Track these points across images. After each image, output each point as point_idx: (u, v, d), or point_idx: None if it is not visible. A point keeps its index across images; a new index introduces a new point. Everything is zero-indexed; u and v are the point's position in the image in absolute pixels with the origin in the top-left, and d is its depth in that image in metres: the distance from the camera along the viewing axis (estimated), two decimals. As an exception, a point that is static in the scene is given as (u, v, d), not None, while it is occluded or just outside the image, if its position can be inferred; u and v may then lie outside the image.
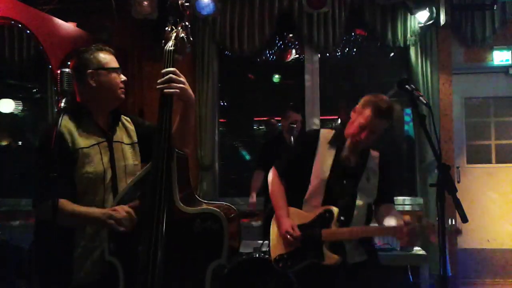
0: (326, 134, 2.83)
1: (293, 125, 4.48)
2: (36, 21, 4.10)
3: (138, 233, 2.01)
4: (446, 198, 2.13)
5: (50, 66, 4.22)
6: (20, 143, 6.42)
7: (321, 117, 5.47)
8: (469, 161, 5.35)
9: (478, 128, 5.42)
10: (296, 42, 5.66)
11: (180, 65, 2.28)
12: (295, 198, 2.79)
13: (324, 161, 2.73)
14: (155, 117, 2.12)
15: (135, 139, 2.32)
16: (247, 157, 5.97)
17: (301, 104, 5.36)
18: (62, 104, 1.96)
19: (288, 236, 2.63)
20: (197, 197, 2.19)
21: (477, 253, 5.28)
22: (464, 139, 5.37)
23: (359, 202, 2.68)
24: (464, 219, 2.15)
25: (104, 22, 5.21)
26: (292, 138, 4.49)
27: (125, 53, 5.41)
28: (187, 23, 2.16)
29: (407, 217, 2.60)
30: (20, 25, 3.95)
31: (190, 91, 2.15)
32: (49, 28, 4.26)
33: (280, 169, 2.89)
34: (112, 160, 2.19)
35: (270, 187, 2.89)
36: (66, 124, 2.12)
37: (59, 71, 2.01)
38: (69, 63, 2.24)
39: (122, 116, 2.33)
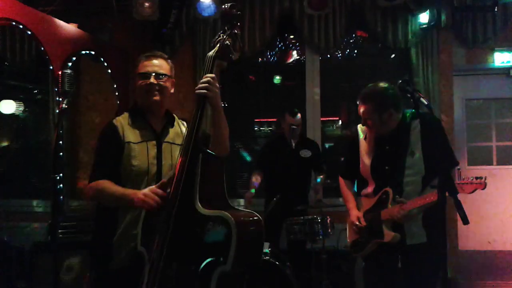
0: (363, 127, 2.96)
1: (294, 127, 4.47)
2: (38, 22, 4.10)
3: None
4: (447, 200, 2.13)
5: (52, 67, 4.22)
6: (21, 143, 6.43)
7: (322, 119, 5.47)
8: (470, 163, 5.35)
9: (479, 129, 5.42)
10: (297, 44, 5.66)
11: (181, 66, 2.31)
12: (360, 191, 3.04)
13: (366, 153, 2.90)
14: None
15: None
16: (248, 158, 5.97)
17: (302, 105, 5.37)
18: (63, 105, 1.97)
19: (354, 227, 2.94)
20: (228, 201, 2.14)
21: (478, 255, 5.27)
22: (465, 140, 5.36)
23: (408, 179, 2.76)
24: (465, 221, 2.15)
25: (105, 23, 5.21)
26: (293, 141, 4.48)
27: (126, 54, 5.42)
28: (236, 31, 2.20)
29: None
30: (21, 26, 3.94)
31: (218, 99, 2.22)
32: (50, 29, 4.26)
33: (341, 172, 3.19)
34: (159, 158, 2.38)
35: (341, 189, 3.18)
36: (122, 120, 2.41)
37: (60, 72, 2.03)
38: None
39: (179, 120, 2.56)
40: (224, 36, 2.18)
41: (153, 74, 2.38)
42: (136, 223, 2.23)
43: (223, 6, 2.20)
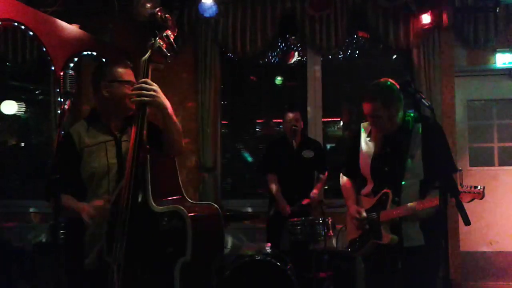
0: (366, 126, 2.97)
1: (295, 127, 4.47)
2: (39, 23, 4.11)
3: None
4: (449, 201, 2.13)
5: (53, 68, 4.22)
6: (22, 144, 6.43)
7: (323, 119, 5.47)
8: (472, 164, 5.34)
9: (481, 130, 5.41)
10: (299, 44, 5.66)
11: (182, 67, 2.34)
12: (359, 190, 3.03)
13: (366, 152, 2.90)
14: (154, 116, 2.37)
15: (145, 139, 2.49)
16: (249, 158, 5.97)
17: (303, 106, 5.37)
18: (65, 106, 1.99)
19: (354, 220, 2.92)
20: (185, 196, 2.27)
21: (480, 256, 5.26)
22: (466, 141, 5.35)
23: (407, 182, 2.75)
24: (467, 222, 2.15)
25: (106, 23, 5.22)
26: (294, 141, 4.48)
27: (128, 54, 5.42)
28: (168, 33, 2.29)
29: None
30: (23, 27, 3.95)
31: (161, 99, 2.29)
32: (52, 29, 4.26)
33: (343, 169, 3.18)
34: (119, 156, 2.41)
35: (341, 187, 3.18)
36: (78, 127, 2.47)
37: (62, 73, 2.04)
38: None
39: None
40: (156, 40, 2.27)
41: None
42: (103, 223, 2.30)
43: (153, 11, 2.34)
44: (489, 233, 5.24)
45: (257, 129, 6.08)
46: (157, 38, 2.28)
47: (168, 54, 2.29)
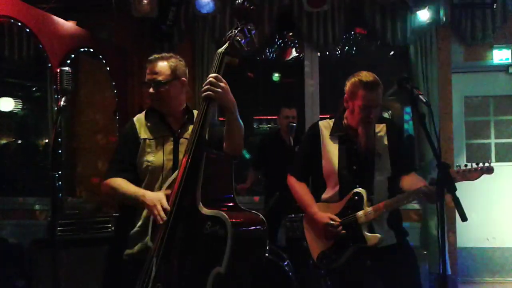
0: (326, 124, 2.85)
1: (292, 124, 4.47)
2: (36, 19, 4.10)
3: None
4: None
5: (50, 65, 4.22)
6: (19, 141, 6.42)
7: (320, 116, 5.47)
8: (469, 160, 5.35)
9: (478, 127, 5.42)
10: (296, 41, 5.66)
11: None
12: (318, 195, 2.82)
13: (330, 152, 2.76)
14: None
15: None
16: (247, 155, 5.97)
17: (301, 103, 5.37)
18: (62, 103, 1.98)
19: (330, 228, 2.67)
20: (236, 201, 2.11)
21: (477, 252, 5.28)
22: (463, 138, 5.36)
23: (377, 179, 2.70)
24: (464, 218, 2.15)
25: (104, 20, 5.21)
26: (291, 138, 4.48)
27: (125, 51, 5.41)
28: (249, 27, 2.13)
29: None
30: (19, 24, 3.94)
31: (227, 97, 2.20)
32: (49, 26, 4.26)
33: (295, 173, 2.92)
34: (175, 154, 2.36)
35: (293, 193, 2.91)
36: (141, 117, 2.45)
37: (59, 70, 2.04)
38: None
39: None
40: (236, 32, 2.12)
41: (153, 84, 2.36)
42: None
43: (236, 1, 2.14)
44: (486, 229, 5.26)
45: (254, 126, 6.08)
46: (238, 30, 2.11)
47: (246, 49, 2.15)
